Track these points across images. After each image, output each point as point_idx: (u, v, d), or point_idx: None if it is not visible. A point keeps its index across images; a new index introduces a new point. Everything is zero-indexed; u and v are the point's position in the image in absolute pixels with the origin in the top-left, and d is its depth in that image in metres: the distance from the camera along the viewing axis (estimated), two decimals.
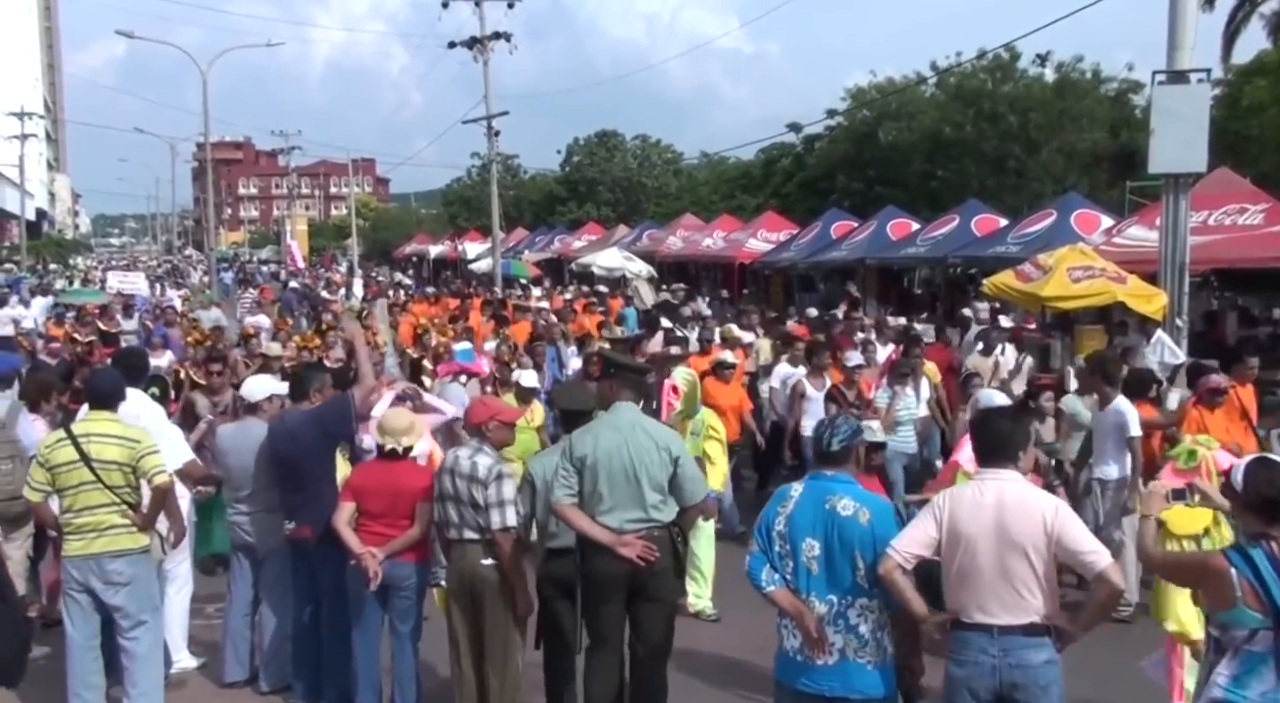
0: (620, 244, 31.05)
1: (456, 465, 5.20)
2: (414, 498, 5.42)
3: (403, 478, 5.46)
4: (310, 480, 5.70)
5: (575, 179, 54.49)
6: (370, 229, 71.07)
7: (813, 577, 4.08)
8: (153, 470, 5.30)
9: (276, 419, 6.03)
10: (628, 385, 5.11)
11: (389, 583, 5.44)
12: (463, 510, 5.17)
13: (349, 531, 5.42)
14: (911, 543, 3.94)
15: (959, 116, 30.80)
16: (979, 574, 3.88)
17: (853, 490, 4.15)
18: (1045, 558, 3.82)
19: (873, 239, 21.17)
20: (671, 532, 4.97)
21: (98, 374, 5.90)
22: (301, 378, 6.24)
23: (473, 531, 5.16)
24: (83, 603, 5.39)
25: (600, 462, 4.89)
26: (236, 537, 6.10)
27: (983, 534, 3.87)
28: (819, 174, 36.25)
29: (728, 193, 44.97)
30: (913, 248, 19.73)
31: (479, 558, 5.15)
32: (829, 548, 4.05)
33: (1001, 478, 3.96)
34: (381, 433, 5.52)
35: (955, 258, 18.48)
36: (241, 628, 6.16)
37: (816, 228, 24.16)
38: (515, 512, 5.13)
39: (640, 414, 5.09)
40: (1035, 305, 12.60)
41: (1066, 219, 16.56)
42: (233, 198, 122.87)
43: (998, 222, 19.38)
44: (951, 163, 30.92)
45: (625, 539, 4.84)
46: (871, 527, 4.01)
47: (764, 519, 4.25)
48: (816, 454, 4.26)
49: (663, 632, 5.02)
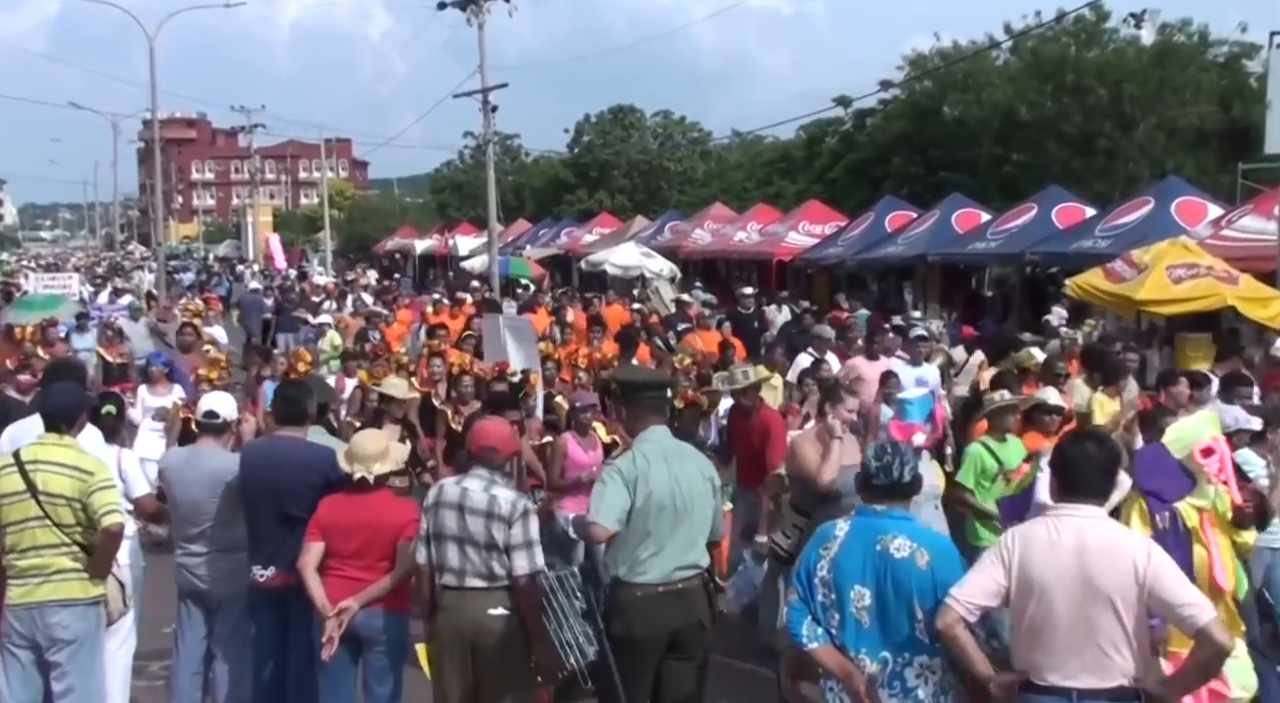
0: (638, 238, 31.19)
1: (466, 500, 5.21)
2: (393, 535, 5.44)
3: (380, 512, 5.49)
4: (294, 518, 5.69)
5: (585, 162, 54.71)
6: (346, 220, 71.48)
7: (863, 631, 4.07)
8: (103, 510, 5.27)
9: (261, 443, 6.06)
10: (651, 408, 5.21)
11: (363, 636, 5.47)
12: (469, 553, 5.19)
13: (316, 578, 5.44)
14: (975, 591, 3.94)
15: (1037, 89, 30.77)
16: (1055, 629, 3.86)
17: (909, 528, 4.15)
18: (1135, 611, 3.81)
19: (935, 232, 21.22)
20: (703, 577, 5.10)
21: (55, 391, 5.93)
22: (295, 398, 6.19)
23: (479, 577, 5.19)
24: (25, 662, 5.37)
25: (652, 495, 4.97)
26: (185, 582, 6.11)
27: (1060, 582, 3.86)
28: (871, 156, 36.28)
29: (764, 178, 45.18)
30: (982, 243, 19.76)
31: (484, 608, 5.18)
32: (881, 597, 4.06)
33: (1083, 515, 3.95)
34: (350, 459, 5.55)
35: (1033, 254, 18.47)
36: (190, 690, 6.15)
37: (868, 219, 24.25)
38: (541, 554, 5.22)
39: (673, 438, 5.20)
40: (1128, 310, 12.60)
41: (1166, 208, 16.57)
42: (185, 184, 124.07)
43: (1083, 211, 19.39)
44: (1028, 143, 30.87)
45: None
46: (931, 571, 4.01)
47: (804, 563, 4.26)
48: (866, 486, 4.28)
49: (696, 694, 5.10)
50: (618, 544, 5.03)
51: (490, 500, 5.19)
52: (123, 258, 67.55)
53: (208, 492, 5.97)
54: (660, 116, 56.70)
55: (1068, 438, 4.50)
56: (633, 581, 5.00)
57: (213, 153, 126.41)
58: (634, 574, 5.00)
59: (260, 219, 63.40)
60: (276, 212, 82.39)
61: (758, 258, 27.07)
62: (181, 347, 12.76)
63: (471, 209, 54.18)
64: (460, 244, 40.50)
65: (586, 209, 49.13)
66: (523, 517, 5.17)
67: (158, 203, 47.88)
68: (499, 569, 5.17)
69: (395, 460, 5.71)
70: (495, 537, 5.14)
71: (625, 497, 4.95)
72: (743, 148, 52.73)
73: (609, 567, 5.21)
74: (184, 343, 12.78)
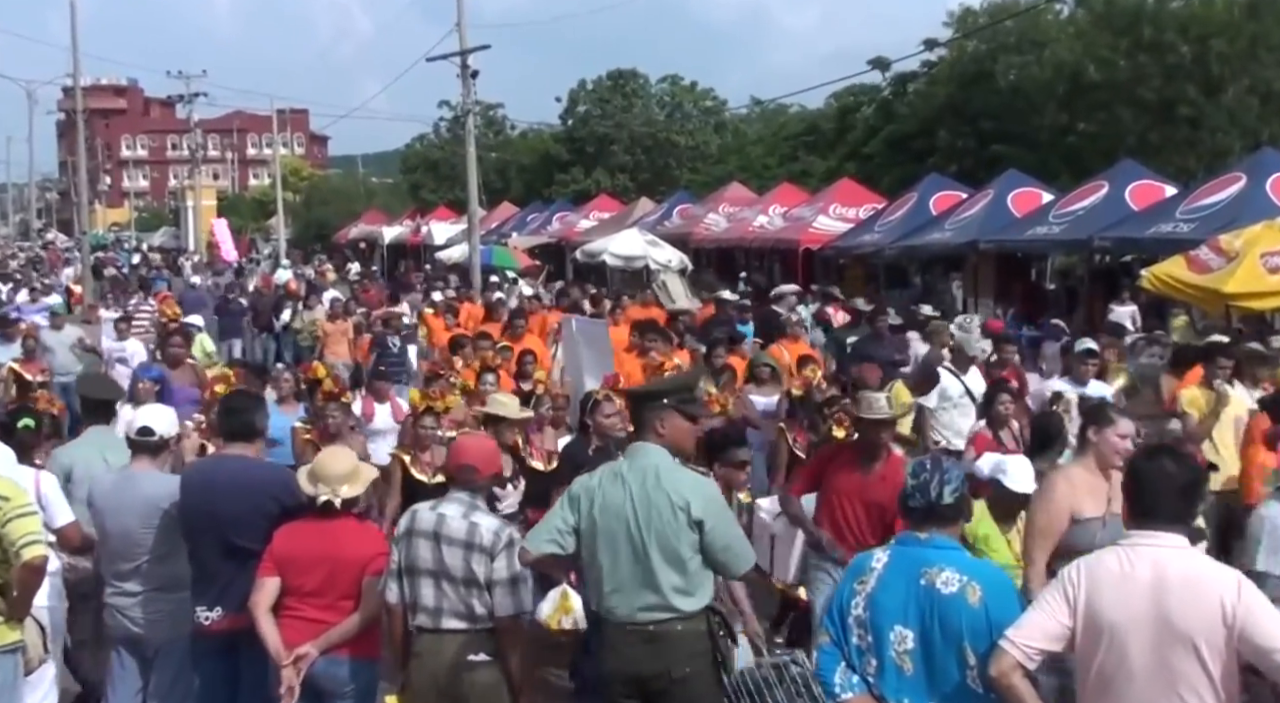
0: (642, 224, 31.28)
1: (443, 528, 5.24)
2: (359, 569, 5.46)
3: (344, 542, 5.48)
4: (244, 550, 5.68)
5: (581, 137, 54.87)
6: (303, 205, 71.61)
7: (905, 679, 4.10)
8: (22, 541, 5.25)
9: (206, 463, 6.05)
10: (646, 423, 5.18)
11: (325, 687, 5.47)
12: (445, 589, 5.22)
13: (270, 620, 5.45)
14: (1034, 633, 3.95)
15: (1108, 46, 30.78)
16: (1129, 678, 3.86)
17: (957, 559, 4.16)
18: (1223, 656, 3.79)
19: (988, 216, 21.27)
20: (710, 621, 5.02)
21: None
22: (244, 409, 6.17)
23: (459, 618, 5.23)
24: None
25: (598, 520, 4.96)
26: (117, 626, 6.09)
27: (1135, 623, 3.87)
28: (913, 127, 36.42)
29: (788, 154, 45.32)
30: (1043, 227, 19.79)
31: (464, 653, 5.20)
32: (927, 639, 4.08)
33: (1161, 544, 3.95)
34: (313, 479, 5.55)
35: (1103, 240, 18.45)
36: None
37: (910, 200, 24.34)
38: (529, 592, 5.28)
39: (666, 459, 5.07)
40: (1215, 304, 12.64)
41: (1260, 185, 16.55)
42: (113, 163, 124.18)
43: (1162, 190, 19.41)
44: (1097, 110, 30.90)
45: None
46: (985, 609, 4.03)
47: (837, 601, 4.29)
48: (907, 510, 4.30)
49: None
50: (586, 574, 5.12)
51: (470, 529, 5.20)
52: (42, 248, 67.57)
53: (141, 521, 5.94)
54: (667, 82, 56.92)
55: (1142, 453, 4.49)
56: (604, 617, 5.04)
57: (146, 126, 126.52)
58: (603, 610, 5.03)
59: (202, 203, 63.57)
60: (221, 194, 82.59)
61: (781, 246, 27.14)
62: (170, 361, 11.78)
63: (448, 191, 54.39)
64: (435, 232, 40.65)
65: (582, 190, 49.30)
66: (507, 548, 5.18)
67: (81, 184, 47.55)
68: (480, 609, 5.18)
69: (365, 482, 5.71)
70: (475, 571, 5.16)
71: (567, 517, 4.99)
72: (763, 119, 52.92)
73: (591, 599, 5.26)
74: (173, 356, 11.85)
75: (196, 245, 58.50)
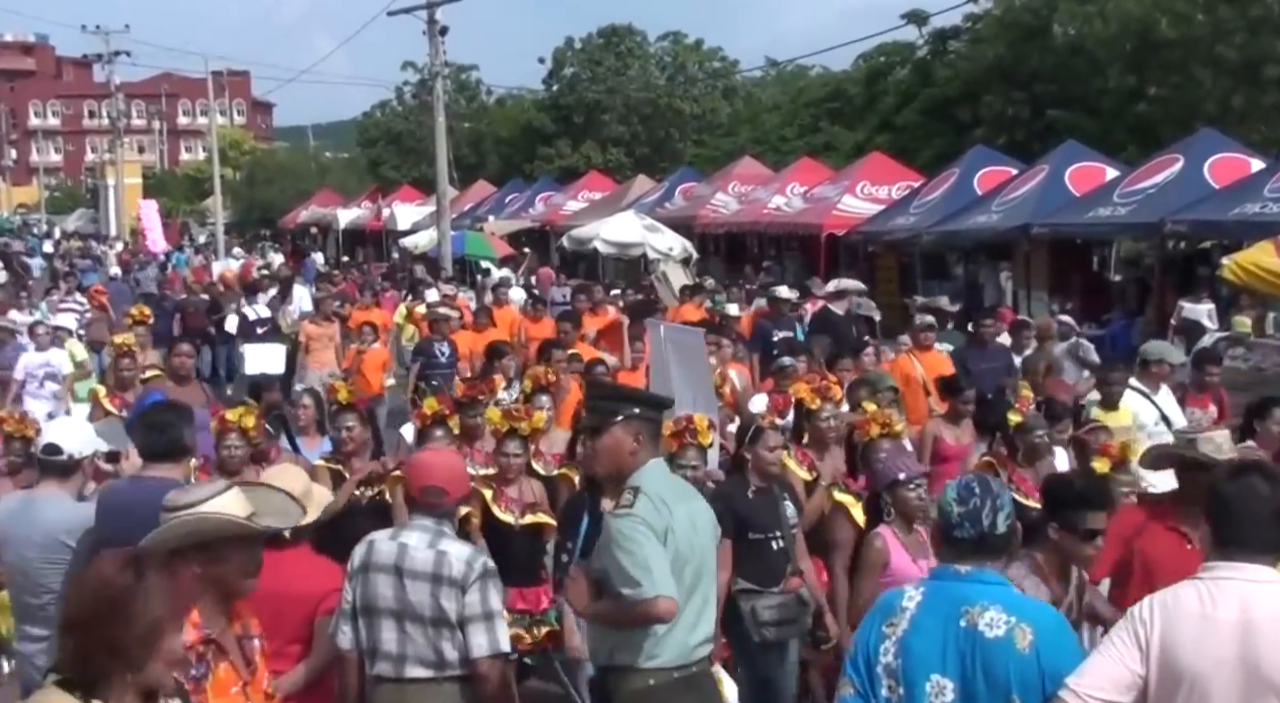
0: (639, 206, 31.30)
1: (405, 560, 5.23)
2: (309, 609, 5.46)
3: (293, 577, 5.43)
4: None
5: (567, 104, 54.92)
6: (244, 183, 71.72)
7: None
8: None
9: (123, 486, 6.05)
10: (648, 432, 5.32)
11: None
12: (409, 631, 5.21)
13: None
14: (1099, 681, 3.93)
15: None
16: None
17: (1004, 597, 4.14)
18: None
19: (1043, 195, 21.29)
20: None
21: None
22: (167, 424, 6.14)
23: (425, 665, 5.22)
24: None
25: (679, 550, 5.12)
26: (25, 677, 6.10)
27: (1219, 670, 3.85)
28: (955, 92, 36.40)
29: (809, 124, 45.30)
30: (1107, 208, 19.79)
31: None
32: (968, 691, 4.07)
33: (1248, 578, 3.95)
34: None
35: (1177, 224, 18.44)
36: None
37: (951, 178, 24.40)
38: (506, 630, 5.28)
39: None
40: None
41: None
42: (19, 133, 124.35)
43: (1247, 164, 19.41)
44: (1170, 72, 30.87)
45: None
46: (1037, 654, 4.00)
47: (863, 646, 4.28)
48: (945, 538, 4.32)
49: None
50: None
51: (438, 560, 5.18)
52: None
53: (42, 553, 5.95)
54: (669, 41, 57.00)
55: (1227, 472, 4.47)
56: (645, 666, 5.06)
57: (58, 90, 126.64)
58: (649, 657, 5.05)
59: (125, 181, 63.53)
60: (148, 171, 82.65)
61: (800, 232, 27.11)
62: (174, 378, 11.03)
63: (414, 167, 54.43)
64: (398, 215, 40.66)
65: (569, 167, 49.36)
66: (481, 580, 5.18)
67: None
68: (450, 653, 5.16)
69: (320, 505, 5.71)
70: (445, 608, 5.14)
71: (665, 554, 5.05)
72: (780, 83, 52.96)
73: (602, 650, 5.24)
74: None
75: (119, 231, 58.43)
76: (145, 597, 3.41)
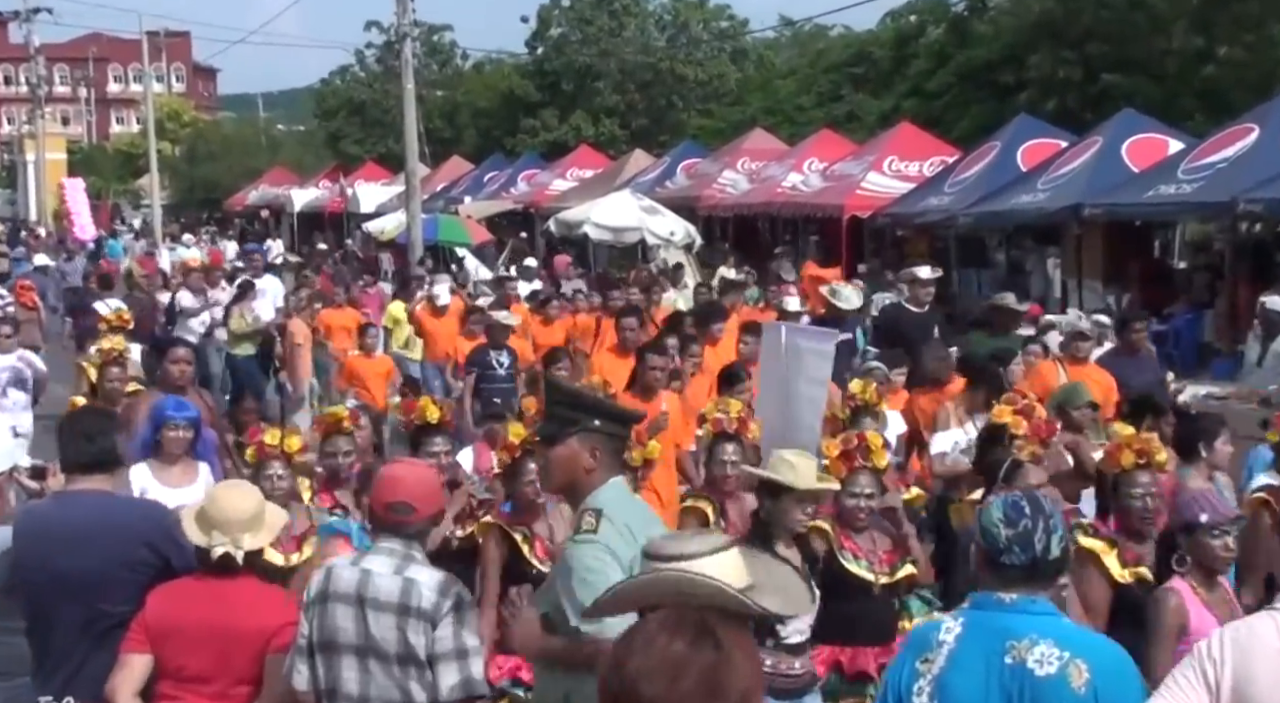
0: (635, 185, 31.06)
1: (368, 589, 5.11)
2: (259, 645, 5.39)
3: (243, 610, 5.43)
4: (104, 617, 5.60)
5: (554, 70, 54.69)
6: (185, 159, 71.43)
7: None
8: None
9: (46, 506, 6.03)
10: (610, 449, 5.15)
11: None
12: (373, 670, 5.13)
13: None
14: None
15: None
16: None
17: (1057, 629, 4.11)
18: None
19: (1096, 171, 20.56)
20: None
21: None
22: (97, 432, 6.00)
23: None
24: None
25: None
26: None
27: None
28: (996, 54, 35.71)
29: (829, 91, 44.99)
30: (1171, 185, 19.06)
31: None
32: None
33: None
34: (206, 526, 5.43)
35: (1251, 203, 17.88)
36: None
37: (991, 151, 23.89)
38: (481, 667, 5.21)
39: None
40: None
41: None
42: None
43: None
44: (1243, 30, 30.17)
45: None
46: (1095, 695, 3.98)
47: (894, 684, 4.30)
48: (990, 563, 4.24)
49: None
50: None
51: (405, 588, 5.06)
52: None
53: None
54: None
55: None
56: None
57: None
58: None
59: (47, 157, 61.46)
60: (74, 145, 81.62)
61: (819, 213, 26.77)
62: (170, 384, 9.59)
63: (379, 142, 54.42)
64: (362, 196, 40.68)
65: (556, 141, 49.32)
66: (454, 610, 5.08)
67: None
68: (419, 694, 5.07)
69: (274, 529, 5.65)
70: (413, 643, 5.05)
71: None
72: (796, 45, 52.70)
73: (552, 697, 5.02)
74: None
75: (40, 214, 56.92)
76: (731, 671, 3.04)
